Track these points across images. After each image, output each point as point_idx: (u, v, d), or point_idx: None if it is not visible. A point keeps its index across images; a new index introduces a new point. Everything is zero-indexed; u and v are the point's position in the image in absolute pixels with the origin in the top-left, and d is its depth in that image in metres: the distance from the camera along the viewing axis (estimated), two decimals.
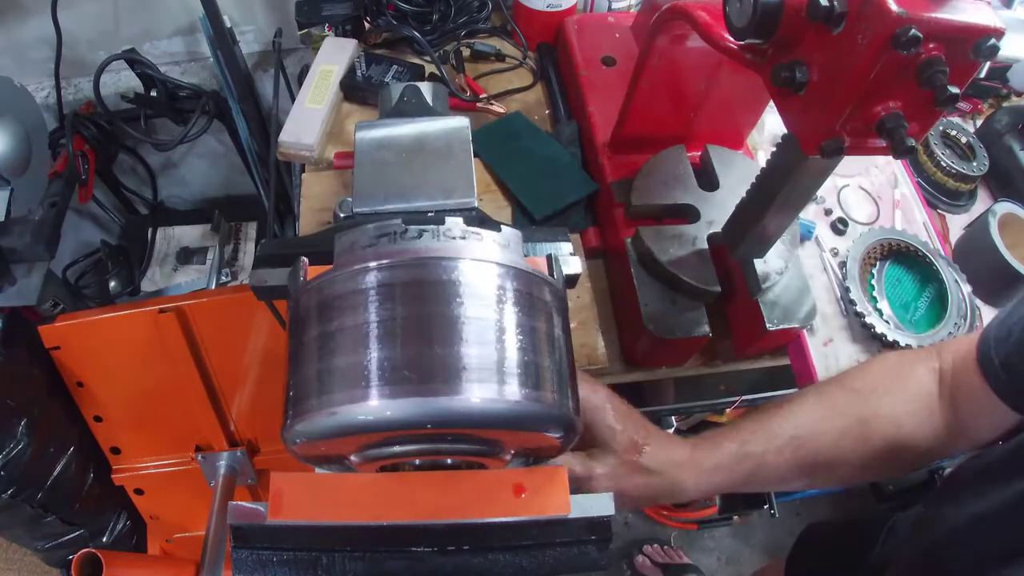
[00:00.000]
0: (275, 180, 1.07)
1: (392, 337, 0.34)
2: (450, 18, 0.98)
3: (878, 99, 0.43)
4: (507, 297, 0.36)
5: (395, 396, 0.32)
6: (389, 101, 0.62)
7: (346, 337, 0.34)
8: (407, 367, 0.33)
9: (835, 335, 0.75)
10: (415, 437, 0.36)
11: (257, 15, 1.19)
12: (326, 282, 0.36)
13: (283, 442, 0.37)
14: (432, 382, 0.32)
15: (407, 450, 0.37)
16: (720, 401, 0.80)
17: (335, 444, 0.36)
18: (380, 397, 0.32)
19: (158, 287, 1.34)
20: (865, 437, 0.54)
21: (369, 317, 0.34)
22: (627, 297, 0.71)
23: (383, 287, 0.35)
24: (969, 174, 0.92)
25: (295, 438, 0.36)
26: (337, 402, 0.33)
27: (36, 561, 1.46)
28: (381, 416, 0.33)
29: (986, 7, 0.41)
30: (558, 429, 0.37)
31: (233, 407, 1.14)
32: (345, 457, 0.39)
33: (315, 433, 0.35)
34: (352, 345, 0.34)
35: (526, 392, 0.34)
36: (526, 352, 0.35)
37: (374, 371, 0.33)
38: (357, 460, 0.38)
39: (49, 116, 1.22)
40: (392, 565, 0.35)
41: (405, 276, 0.35)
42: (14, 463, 1.06)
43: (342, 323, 0.35)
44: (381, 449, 0.37)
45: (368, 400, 0.32)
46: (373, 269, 0.35)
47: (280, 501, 0.35)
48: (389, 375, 0.33)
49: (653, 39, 0.65)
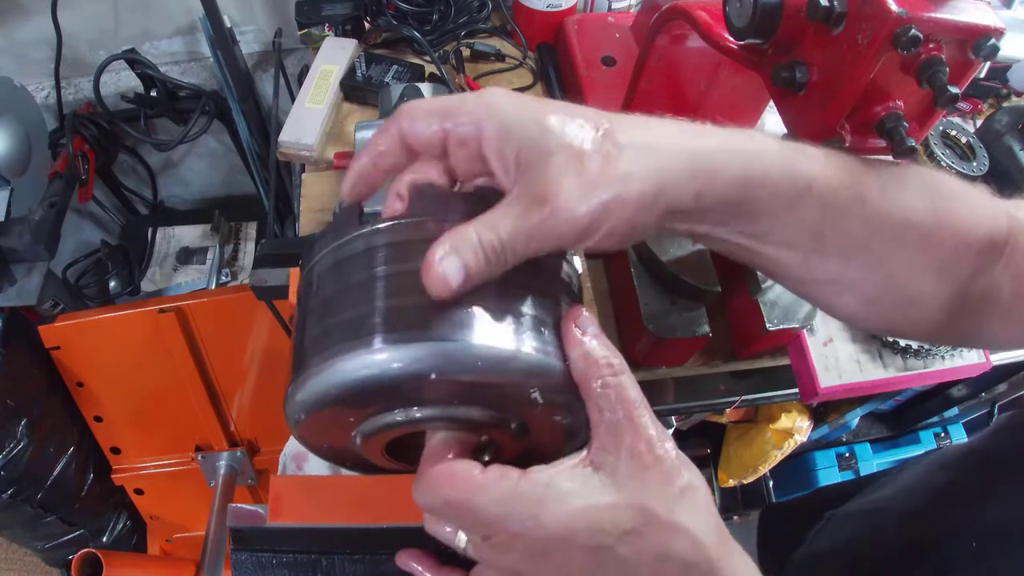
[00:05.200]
0: (275, 180, 1.07)
1: (394, 290, 0.32)
2: (450, 18, 0.97)
3: (878, 99, 0.43)
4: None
5: (399, 343, 0.30)
6: (389, 101, 0.62)
7: (345, 296, 0.33)
8: (411, 316, 0.31)
9: (835, 335, 0.75)
10: (420, 399, 0.34)
11: (257, 15, 1.19)
12: (329, 250, 0.35)
13: (286, 420, 0.35)
14: (438, 328, 0.30)
15: (411, 417, 0.34)
16: (720, 401, 0.80)
17: (339, 416, 0.34)
18: (384, 344, 0.30)
19: (158, 287, 1.34)
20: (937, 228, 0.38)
21: (373, 273, 0.32)
22: (627, 297, 0.71)
23: (387, 247, 0.33)
24: (969, 174, 0.92)
25: (296, 412, 0.34)
26: (336, 355, 0.31)
27: (36, 561, 1.46)
28: (387, 367, 0.30)
29: (986, 7, 0.41)
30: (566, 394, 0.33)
31: (233, 407, 1.14)
32: (350, 440, 0.37)
33: (315, 399, 0.32)
34: (352, 302, 0.32)
35: (537, 346, 0.32)
36: (537, 309, 0.33)
37: (378, 322, 0.31)
38: (362, 438, 0.36)
39: (49, 116, 1.22)
40: (391, 567, 0.35)
41: (411, 235, 0.33)
42: (14, 463, 1.06)
43: (345, 283, 0.33)
44: (385, 416, 0.35)
45: (371, 348, 0.30)
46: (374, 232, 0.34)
47: (280, 504, 0.35)
48: (392, 324, 0.31)
49: (653, 39, 0.65)
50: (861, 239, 0.36)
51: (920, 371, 0.73)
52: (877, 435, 1.37)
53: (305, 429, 0.35)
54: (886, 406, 1.32)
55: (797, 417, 1.11)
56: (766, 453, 1.18)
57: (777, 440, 1.15)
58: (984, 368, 0.74)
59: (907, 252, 0.37)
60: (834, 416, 1.20)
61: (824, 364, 0.73)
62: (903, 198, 0.37)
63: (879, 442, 1.38)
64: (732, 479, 1.33)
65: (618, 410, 0.32)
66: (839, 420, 1.21)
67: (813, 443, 1.35)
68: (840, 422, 1.22)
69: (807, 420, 1.11)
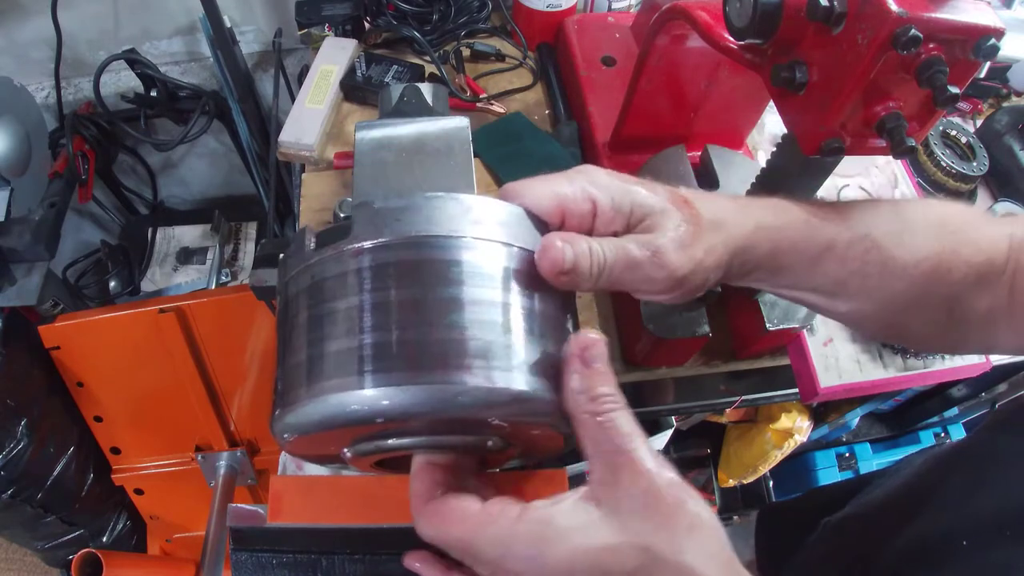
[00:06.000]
0: (275, 180, 1.07)
1: (387, 320, 0.31)
2: (450, 18, 0.97)
3: (878, 99, 0.43)
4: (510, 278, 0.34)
5: (390, 384, 0.30)
6: (389, 101, 0.62)
7: (336, 321, 0.32)
8: (402, 352, 0.31)
9: (835, 335, 0.75)
10: (412, 428, 0.34)
11: (257, 15, 1.19)
12: (316, 263, 0.34)
13: (273, 435, 0.35)
14: (430, 368, 0.30)
15: (403, 443, 0.34)
16: (720, 401, 0.80)
17: (328, 437, 0.34)
18: (374, 384, 0.30)
19: (158, 287, 1.34)
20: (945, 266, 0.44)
21: (362, 299, 0.32)
22: (627, 297, 0.71)
23: (377, 267, 0.32)
24: (969, 174, 0.92)
25: (284, 432, 0.34)
26: (327, 390, 0.31)
27: (36, 561, 1.46)
28: (376, 405, 0.30)
29: (986, 7, 0.41)
30: (564, 423, 0.34)
31: (233, 407, 1.14)
32: (338, 453, 0.37)
33: (304, 425, 0.32)
34: (346, 329, 0.32)
35: (529, 380, 0.32)
36: (531, 338, 0.33)
37: (367, 356, 0.31)
38: (351, 455, 0.37)
39: (49, 116, 1.22)
40: (391, 567, 0.35)
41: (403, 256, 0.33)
42: (14, 463, 1.06)
43: (332, 306, 0.32)
44: (376, 442, 0.35)
45: (361, 388, 0.30)
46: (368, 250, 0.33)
47: (280, 504, 0.35)
48: (385, 359, 0.31)
49: (653, 39, 0.65)
50: (877, 281, 0.43)
51: (920, 371, 0.73)
52: (877, 435, 1.37)
53: (293, 446, 0.36)
54: (886, 406, 1.32)
55: (797, 417, 1.11)
56: (766, 453, 1.18)
57: (777, 440, 1.15)
58: (984, 368, 0.74)
59: (918, 285, 0.44)
60: (834, 416, 1.20)
61: (824, 364, 0.73)
62: (914, 241, 0.44)
63: (879, 442, 1.38)
64: (732, 479, 1.33)
65: (614, 445, 0.31)
66: (839, 420, 1.21)
67: (813, 443, 1.35)
68: (840, 422, 1.22)
69: (807, 420, 1.11)
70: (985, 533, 0.46)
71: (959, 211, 0.47)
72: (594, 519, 0.31)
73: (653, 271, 0.36)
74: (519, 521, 0.31)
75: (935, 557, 0.48)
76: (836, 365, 0.73)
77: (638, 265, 0.36)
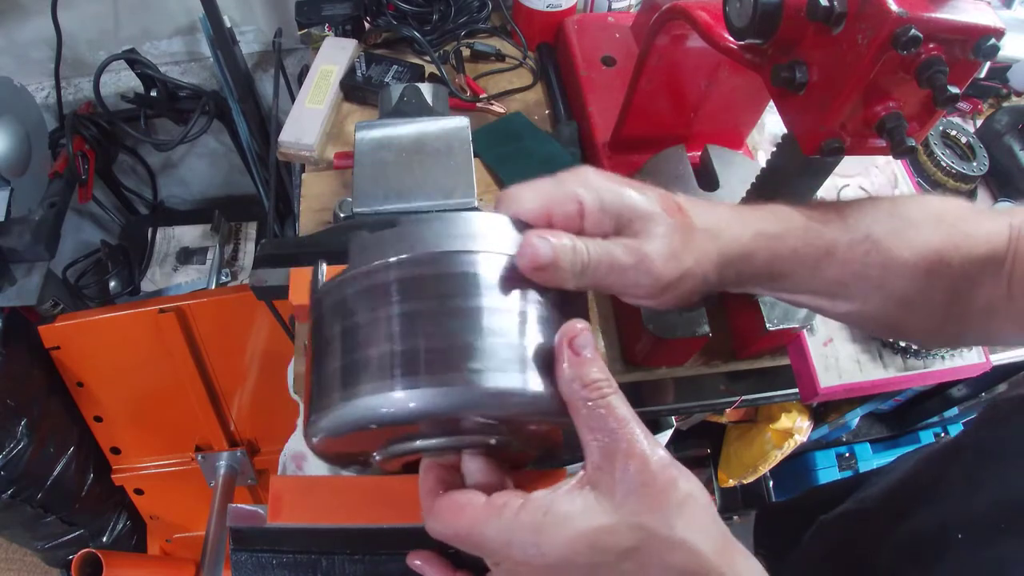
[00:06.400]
0: (275, 180, 1.07)
1: (414, 329, 0.33)
2: (450, 18, 0.97)
3: (878, 99, 0.43)
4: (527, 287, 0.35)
5: (419, 385, 0.32)
6: (389, 101, 0.62)
7: (368, 332, 0.34)
8: (431, 357, 0.32)
9: (835, 335, 0.75)
10: (439, 429, 0.35)
11: (257, 15, 1.19)
12: (347, 280, 0.36)
13: (306, 440, 0.36)
14: (456, 371, 0.32)
15: (430, 444, 0.36)
16: (720, 401, 0.80)
17: (359, 439, 0.36)
18: (404, 387, 0.32)
19: (158, 287, 1.34)
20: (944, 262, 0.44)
21: (391, 311, 0.34)
22: None
23: (403, 281, 0.34)
24: (969, 174, 0.92)
25: (317, 434, 0.35)
26: (360, 394, 0.33)
27: (36, 561, 1.46)
28: (404, 407, 0.32)
29: (986, 7, 0.41)
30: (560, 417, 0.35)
31: (233, 407, 1.14)
32: (369, 454, 0.38)
33: (338, 427, 0.34)
34: (374, 339, 0.33)
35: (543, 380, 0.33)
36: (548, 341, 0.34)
37: (397, 362, 0.32)
38: (380, 458, 0.38)
39: (49, 116, 1.22)
40: (391, 568, 0.35)
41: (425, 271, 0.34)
42: (14, 463, 1.06)
43: (363, 319, 0.34)
44: (405, 444, 0.36)
45: (392, 391, 0.32)
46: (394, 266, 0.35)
47: (280, 504, 0.35)
48: (412, 365, 0.32)
49: (653, 39, 0.65)
50: (878, 280, 0.43)
51: (920, 371, 0.73)
52: (877, 435, 1.38)
53: (325, 448, 0.37)
54: (886, 406, 1.32)
55: (797, 417, 1.11)
56: (766, 453, 1.18)
57: (777, 440, 1.15)
58: (984, 368, 0.74)
59: (918, 281, 0.44)
60: (834, 416, 1.20)
61: (824, 364, 0.73)
62: (913, 237, 0.44)
63: (879, 442, 1.38)
64: (732, 479, 1.33)
65: (608, 429, 0.32)
66: (839, 420, 1.21)
67: (813, 443, 1.35)
68: (840, 422, 1.22)
69: (807, 420, 1.11)
70: (981, 528, 0.46)
71: (957, 205, 0.47)
72: (590, 503, 0.32)
73: (639, 276, 0.37)
74: (520, 513, 0.32)
75: (931, 553, 0.49)
76: (836, 365, 0.73)
77: (623, 269, 0.36)
